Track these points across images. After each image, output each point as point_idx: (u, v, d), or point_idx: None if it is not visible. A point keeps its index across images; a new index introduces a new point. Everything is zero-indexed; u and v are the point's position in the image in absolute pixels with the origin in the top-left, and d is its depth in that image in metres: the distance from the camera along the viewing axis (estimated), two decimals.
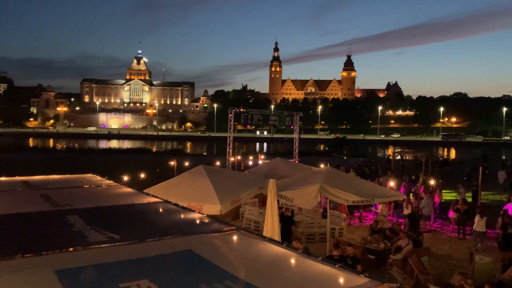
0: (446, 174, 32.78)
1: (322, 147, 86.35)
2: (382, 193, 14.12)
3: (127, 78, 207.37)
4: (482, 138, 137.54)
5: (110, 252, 3.25)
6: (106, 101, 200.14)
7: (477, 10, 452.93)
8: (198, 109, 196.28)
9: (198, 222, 4.51)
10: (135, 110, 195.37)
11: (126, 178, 15.86)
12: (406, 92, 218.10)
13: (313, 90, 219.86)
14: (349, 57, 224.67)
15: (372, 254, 12.18)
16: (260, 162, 26.15)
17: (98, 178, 7.63)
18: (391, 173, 24.67)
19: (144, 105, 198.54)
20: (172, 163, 20.66)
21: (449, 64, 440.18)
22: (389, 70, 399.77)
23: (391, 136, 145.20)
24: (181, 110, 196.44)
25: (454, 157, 72.71)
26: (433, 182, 21.56)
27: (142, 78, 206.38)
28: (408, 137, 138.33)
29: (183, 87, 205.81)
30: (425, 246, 13.00)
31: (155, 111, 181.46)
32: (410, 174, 27.94)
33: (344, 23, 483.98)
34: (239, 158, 29.26)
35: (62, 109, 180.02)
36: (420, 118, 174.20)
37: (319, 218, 15.90)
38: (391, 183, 19.19)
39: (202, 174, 12.22)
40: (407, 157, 41.31)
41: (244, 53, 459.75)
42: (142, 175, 18.81)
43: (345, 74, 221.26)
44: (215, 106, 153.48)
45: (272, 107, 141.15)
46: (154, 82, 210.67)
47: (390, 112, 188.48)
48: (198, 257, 3.23)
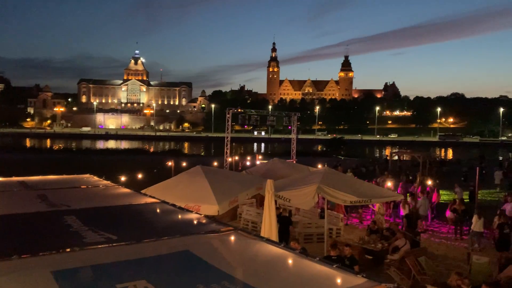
0: (443, 174, 32.87)
1: (319, 148, 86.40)
2: (380, 193, 14.16)
3: (125, 78, 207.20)
4: (479, 138, 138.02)
5: (107, 252, 3.25)
6: (104, 101, 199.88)
7: (474, 11, 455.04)
8: (195, 109, 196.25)
9: (195, 222, 4.50)
10: (133, 110, 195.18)
11: (123, 178, 15.79)
12: (403, 92, 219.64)
13: (310, 91, 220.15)
14: (346, 57, 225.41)
15: (369, 254, 12.19)
16: (257, 163, 26.16)
17: (96, 178, 7.61)
18: (388, 173, 24.71)
19: (141, 105, 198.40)
20: (169, 164, 20.61)
21: (446, 64, 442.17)
22: (386, 71, 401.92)
23: (389, 136, 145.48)
24: (178, 111, 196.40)
25: (451, 157, 72.81)
26: (430, 182, 21.61)
27: (140, 78, 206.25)
28: (405, 137, 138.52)
29: (181, 87, 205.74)
30: (422, 246, 13.04)
31: (153, 112, 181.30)
32: (407, 174, 27.94)
33: (341, 24, 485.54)
34: (237, 158, 29.27)
35: (59, 109, 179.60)
36: (417, 119, 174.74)
37: (317, 219, 15.93)
38: (389, 184, 19.22)
39: (200, 175, 12.21)
40: (405, 157, 41.35)
41: (241, 53, 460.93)
42: (140, 176, 18.75)
43: (342, 74, 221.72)
44: (213, 106, 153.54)
45: (269, 108, 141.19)
46: (152, 83, 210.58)
47: (387, 112, 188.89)
48: (195, 257, 3.23)
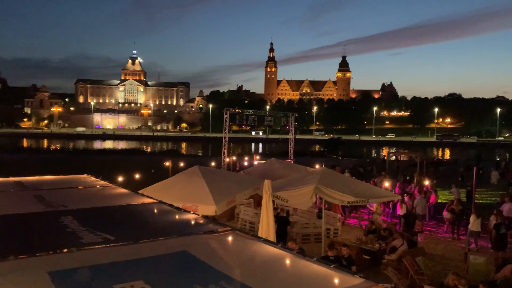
0: (440, 175, 32.96)
1: (317, 148, 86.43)
2: (377, 193, 14.17)
3: (122, 78, 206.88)
4: (476, 138, 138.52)
5: (105, 253, 3.24)
6: (101, 101, 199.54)
7: (472, 12, 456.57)
8: (193, 109, 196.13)
9: (193, 223, 4.50)
10: (130, 110, 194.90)
11: (120, 178, 15.78)
12: (400, 92, 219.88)
13: (308, 91, 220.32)
14: (344, 58, 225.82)
15: (367, 254, 12.21)
16: (255, 163, 26.17)
17: (93, 178, 7.59)
18: (386, 173, 24.77)
19: (139, 105, 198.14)
20: (167, 164, 20.59)
21: (443, 65, 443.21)
22: (384, 71, 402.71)
23: (386, 136, 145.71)
24: (176, 111, 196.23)
25: (449, 157, 72.99)
26: (427, 182, 21.66)
27: (137, 78, 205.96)
28: (402, 137, 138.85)
29: (178, 88, 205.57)
30: (419, 246, 13.07)
31: (150, 112, 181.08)
32: (404, 174, 28.03)
33: (339, 24, 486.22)
34: (234, 158, 29.24)
35: (56, 109, 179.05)
36: (414, 119, 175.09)
37: (314, 219, 15.94)
38: (386, 184, 19.26)
39: (197, 175, 12.19)
40: (402, 157, 41.45)
41: (239, 53, 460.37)
42: (137, 176, 18.72)
43: (340, 74, 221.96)
44: (211, 106, 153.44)
45: (267, 108, 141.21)
46: (149, 83, 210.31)
47: (385, 112, 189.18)
48: (193, 258, 3.23)
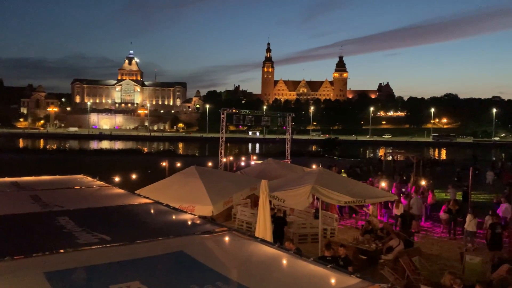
0: (436, 175, 33.06)
1: (314, 148, 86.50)
2: (374, 193, 14.21)
3: (119, 78, 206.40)
4: (473, 138, 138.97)
5: (101, 253, 3.23)
6: (98, 101, 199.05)
7: (468, 13, 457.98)
8: (190, 109, 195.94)
9: (189, 223, 4.49)
10: (127, 110, 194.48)
11: (117, 179, 15.71)
12: (397, 93, 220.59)
13: (305, 91, 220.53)
14: (341, 58, 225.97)
15: (363, 254, 12.22)
16: (252, 163, 26.16)
17: (89, 179, 7.57)
18: (382, 173, 24.83)
19: (135, 105, 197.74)
20: (163, 164, 20.55)
21: (440, 65, 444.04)
22: (380, 71, 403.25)
23: (383, 136, 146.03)
24: (173, 111, 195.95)
25: (445, 157, 73.21)
26: (424, 182, 21.72)
27: (134, 78, 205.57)
28: (399, 137, 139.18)
29: (175, 88, 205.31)
30: (416, 246, 13.09)
31: (147, 112, 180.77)
32: (401, 174, 28.11)
33: (336, 25, 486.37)
34: (231, 158, 29.22)
35: (52, 109, 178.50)
36: (411, 119, 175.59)
37: (311, 219, 15.95)
38: (383, 184, 19.29)
39: (194, 175, 12.18)
40: (398, 157, 41.58)
41: (236, 54, 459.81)
42: (134, 176, 18.68)
43: (337, 75, 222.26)
44: (207, 106, 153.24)
45: (264, 108, 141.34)
46: (146, 83, 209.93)
47: (381, 113, 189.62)
48: (189, 258, 3.22)
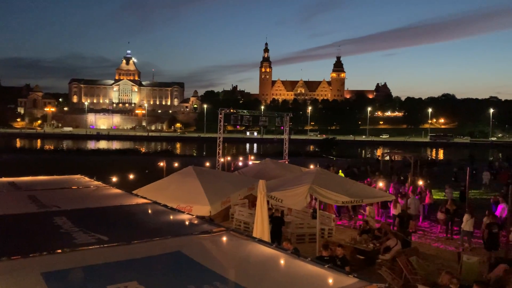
0: (434, 175, 33.12)
1: (312, 148, 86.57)
2: (371, 193, 14.21)
3: (116, 78, 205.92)
4: (470, 139, 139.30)
5: (98, 254, 3.22)
6: (95, 101, 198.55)
7: (465, 13, 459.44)
8: (188, 109, 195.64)
9: (187, 223, 4.49)
10: (124, 110, 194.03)
11: (114, 179, 15.68)
12: (395, 93, 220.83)
13: (303, 91, 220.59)
14: (338, 58, 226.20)
15: (361, 254, 12.24)
16: (250, 163, 26.14)
17: (86, 179, 7.55)
18: (380, 173, 24.88)
19: (133, 105, 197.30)
20: (161, 164, 20.53)
21: (437, 65, 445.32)
22: (378, 72, 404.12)
23: (380, 137, 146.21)
24: (170, 111, 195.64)
25: (442, 157, 73.37)
26: (421, 182, 21.76)
27: (131, 78, 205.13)
28: (396, 138, 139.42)
29: (173, 88, 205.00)
30: (413, 246, 13.11)
31: (144, 112, 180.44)
32: (398, 174, 28.16)
33: (333, 25, 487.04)
34: (229, 158, 29.21)
35: (50, 109, 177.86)
36: (408, 119, 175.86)
37: (309, 219, 15.96)
38: (380, 184, 19.33)
39: (192, 175, 12.16)
40: (396, 157, 41.64)
41: (234, 53, 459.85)
42: (131, 176, 18.64)
43: (334, 75, 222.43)
44: (205, 106, 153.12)
45: (262, 108, 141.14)
46: (144, 83, 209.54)
47: (379, 113, 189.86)
48: (187, 258, 3.22)
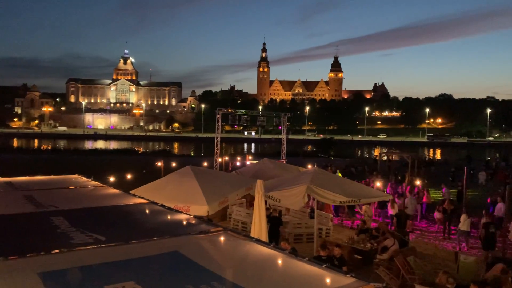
0: (431, 175, 33.19)
1: (309, 148, 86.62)
2: (369, 193, 14.24)
3: (114, 78, 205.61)
4: (467, 139, 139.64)
5: (96, 254, 3.22)
6: (92, 101, 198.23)
7: (461, 13, 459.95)
8: (185, 109, 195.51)
9: (185, 223, 4.48)
10: (122, 110, 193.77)
11: (112, 179, 15.67)
12: (392, 93, 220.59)
13: (300, 91, 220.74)
14: (336, 58, 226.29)
15: (358, 254, 12.26)
16: (247, 163, 26.16)
17: (84, 179, 7.53)
18: (377, 173, 24.90)
19: (130, 105, 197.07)
20: (159, 164, 20.51)
21: (434, 65, 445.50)
22: (376, 72, 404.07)
23: (378, 136, 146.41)
24: (168, 111, 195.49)
25: (439, 157, 73.51)
26: (419, 182, 21.80)
27: (129, 78, 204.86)
28: (394, 137, 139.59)
29: (171, 87, 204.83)
30: (411, 246, 13.15)
31: (142, 112, 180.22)
32: (396, 174, 28.19)
33: (331, 25, 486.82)
34: (227, 158, 29.20)
35: (47, 109, 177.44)
36: (406, 119, 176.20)
37: (307, 219, 15.97)
38: (378, 184, 19.35)
39: (189, 175, 12.17)
40: (393, 157, 41.68)
41: (232, 53, 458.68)
42: (129, 176, 18.62)
43: (332, 75, 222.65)
44: (203, 106, 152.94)
45: (260, 108, 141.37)
46: (141, 82, 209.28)
47: (376, 113, 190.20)
48: (184, 258, 3.22)
